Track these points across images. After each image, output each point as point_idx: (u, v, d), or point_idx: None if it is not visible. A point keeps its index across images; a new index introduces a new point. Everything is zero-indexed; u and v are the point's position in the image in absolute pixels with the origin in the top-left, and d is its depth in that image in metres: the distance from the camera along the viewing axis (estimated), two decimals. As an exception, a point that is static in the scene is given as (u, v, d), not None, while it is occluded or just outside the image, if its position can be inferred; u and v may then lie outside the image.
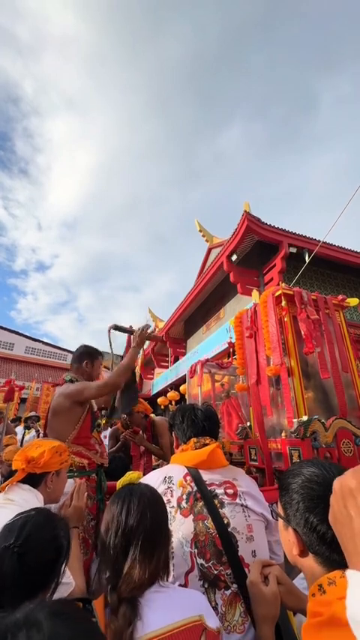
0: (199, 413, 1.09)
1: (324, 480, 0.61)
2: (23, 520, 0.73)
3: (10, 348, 19.48)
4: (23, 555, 0.66)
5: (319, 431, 1.82)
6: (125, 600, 0.58)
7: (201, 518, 0.86)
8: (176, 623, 0.57)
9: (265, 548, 0.91)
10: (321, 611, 0.50)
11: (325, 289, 8.05)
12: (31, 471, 1.10)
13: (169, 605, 0.60)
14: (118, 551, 0.63)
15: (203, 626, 0.59)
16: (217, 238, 10.44)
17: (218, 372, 3.84)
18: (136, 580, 0.61)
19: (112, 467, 2.22)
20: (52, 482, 1.15)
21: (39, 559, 0.68)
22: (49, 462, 1.12)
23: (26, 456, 1.11)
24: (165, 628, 0.56)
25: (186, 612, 0.59)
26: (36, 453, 1.12)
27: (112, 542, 0.64)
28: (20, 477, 1.09)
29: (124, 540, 0.64)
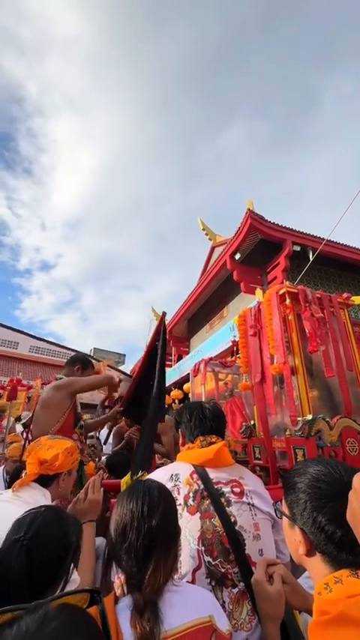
0: (207, 412, 1.08)
1: (332, 479, 0.61)
2: (33, 515, 0.74)
3: (14, 347, 19.61)
4: (32, 549, 0.66)
5: (323, 430, 1.81)
6: (150, 602, 0.58)
7: (208, 517, 0.87)
8: (188, 623, 0.57)
9: (272, 547, 0.91)
10: (328, 609, 0.50)
11: (329, 287, 8.01)
12: (44, 473, 1.10)
13: (183, 604, 0.60)
14: (140, 552, 0.63)
15: (213, 627, 0.59)
16: (221, 237, 10.42)
17: (222, 370, 3.83)
18: (160, 580, 0.61)
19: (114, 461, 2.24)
20: (63, 482, 1.16)
21: (47, 554, 0.68)
22: (62, 463, 1.13)
23: (39, 458, 1.11)
24: (178, 628, 0.56)
25: (197, 612, 0.59)
26: (49, 455, 1.12)
27: (133, 542, 0.63)
28: (32, 478, 1.09)
29: (147, 540, 0.63)
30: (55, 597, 0.37)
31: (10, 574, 0.62)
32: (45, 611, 0.33)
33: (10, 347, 19.43)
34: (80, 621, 0.34)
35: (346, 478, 0.60)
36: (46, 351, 21.13)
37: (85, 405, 2.70)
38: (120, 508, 0.69)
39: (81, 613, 0.36)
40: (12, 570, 0.62)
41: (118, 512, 0.69)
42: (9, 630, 0.30)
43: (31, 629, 0.30)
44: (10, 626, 0.31)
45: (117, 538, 0.66)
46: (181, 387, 7.78)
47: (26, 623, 0.31)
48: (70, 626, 0.32)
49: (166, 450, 2.83)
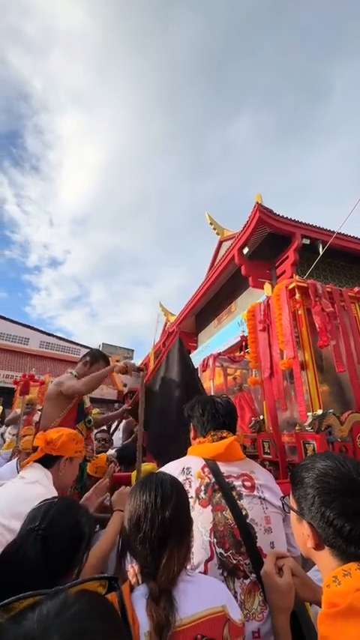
0: (219, 407, 1.08)
1: (340, 474, 0.61)
2: (47, 506, 0.76)
3: (25, 343, 19.95)
4: (46, 539, 0.68)
5: (334, 425, 1.80)
6: (165, 591, 0.60)
7: (219, 509, 0.88)
8: (201, 612, 0.59)
9: (283, 540, 0.92)
10: (337, 602, 0.51)
11: (339, 281, 7.87)
12: (48, 452, 1.18)
13: (196, 594, 0.62)
14: (155, 542, 0.65)
15: (226, 617, 0.60)
16: (228, 231, 10.32)
17: (230, 365, 3.83)
18: (174, 570, 0.62)
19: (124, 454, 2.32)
20: (64, 467, 1.21)
21: (62, 543, 0.70)
22: (65, 445, 1.21)
23: (46, 437, 1.21)
24: (192, 617, 0.57)
25: (210, 602, 0.61)
26: (55, 436, 1.22)
27: (147, 533, 0.65)
28: (38, 455, 1.19)
29: (161, 531, 0.65)
30: (74, 584, 0.38)
31: (26, 563, 0.64)
32: (65, 596, 0.34)
33: (21, 343, 19.76)
34: (99, 607, 0.35)
35: (354, 473, 0.61)
36: (56, 346, 21.44)
37: (94, 400, 2.76)
38: (134, 500, 0.71)
39: (100, 599, 0.37)
40: (28, 559, 0.65)
41: (132, 504, 0.70)
42: (31, 614, 0.32)
43: (51, 613, 0.31)
44: (32, 610, 0.32)
45: (131, 529, 0.68)
46: (189, 382, 7.79)
47: (47, 608, 0.32)
48: (89, 611, 0.33)
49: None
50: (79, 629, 0.30)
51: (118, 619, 0.37)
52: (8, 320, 20.13)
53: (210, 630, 0.57)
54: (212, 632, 0.57)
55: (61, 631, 0.29)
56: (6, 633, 0.30)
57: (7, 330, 19.62)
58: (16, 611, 0.35)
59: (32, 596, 0.36)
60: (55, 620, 0.30)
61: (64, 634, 0.29)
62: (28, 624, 0.30)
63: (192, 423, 1.13)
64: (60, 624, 0.30)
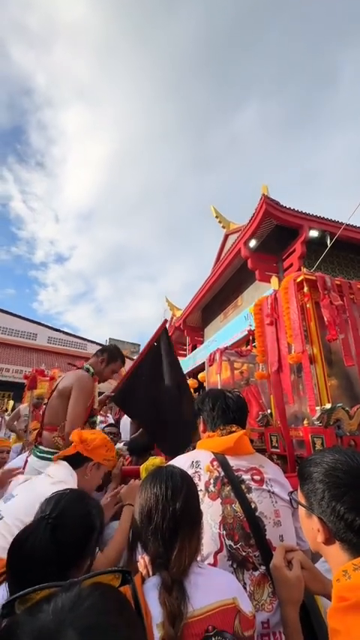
0: (230, 402, 1.08)
1: (349, 468, 0.61)
2: (59, 496, 0.78)
3: (33, 338, 20.20)
4: (57, 527, 0.69)
5: (343, 419, 1.79)
6: (177, 581, 0.61)
7: (229, 502, 0.88)
8: (213, 604, 0.59)
9: (293, 533, 0.92)
10: (347, 595, 0.51)
11: (347, 274, 7.75)
12: (80, 450, 1.19)
13: (207, 586, 0.63)
14: (166, 533, 0.66)
15: (237, 609, 0.61)
16: (234, 224, 10.21)
17: (237, 359, 3.83)
18: (186, 560, 0.64)
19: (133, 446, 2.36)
20: (90, 471, 1.21)
21: (72, 533, 0.71)
22: (97, 449, 1.21)
23: (81, 435, 1.22)
24: (205, 608, 0.58)
25: (222, 594, 0.62)
26: (90, 437, 1.22)
27: (159, 524, 0.66)
28: (71, 451, 1.19)
29: (173, 523, 0.66)
30: (88, 576, 0.39)
31: (36, 551, 0.65)
32: (79, 589, 0.35)
33: (29, 338, 20.02)
34: (113, 599, 0.35)
35: None
36: (64, 341, 21.66)
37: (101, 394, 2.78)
38: (144, 493, 0.72)
39: (114, 591, 0.38)
40: (38, 547, 0.66)
41: (142, 497, 0.71)
42: (46, 606, 0.32)
43: (66, 606, 0.32)
44: (48, 603, 0.33)
45: (143, 521, 0.69)
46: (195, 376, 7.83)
47: (62, 601, 0.33)
48: (103, 603, 0.33)
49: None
50: (93, 623, 0.30)
51: (131, 612, 0.37)
52: (17, 316, 20.38)
53: (221, 622, 0.57)
54: (223, 624, 0.57)
55: (75, 624, 0.29)
56: (23, 626, 0.30)
57: (15, 326, 19.88)
58: (32, 602, 0.35)
59: (47, 587, 0.36)
60: (70, 613, 0.31)
61: (78, 627, 0.29)
62: (44, 617, 0.31)
63: (202, 416, 1.13)
64: (74, 618, 0.30)
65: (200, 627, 0.56)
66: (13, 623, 0.32)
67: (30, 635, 0.29)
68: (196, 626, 0.56)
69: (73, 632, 0.29)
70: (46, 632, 0.29)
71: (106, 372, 2.08)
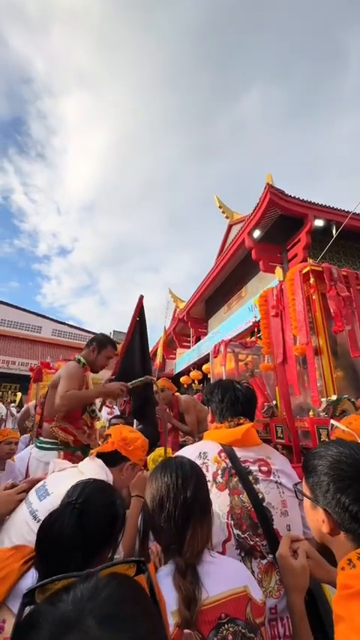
0: (240, 395, 1.08)
1: (354, 460, 0.62)
2: (84, 483, 0.80)
3: (38, 331, 20.37)
4: (83, 513, 0.70)
5: (348, 410, 1.79)
6: (191, 566, 0.63)
7: (236, 493, 0.90)
8: (226, 592, 0.61)
9: (299, 523, 0.93)
10: (351, 583, 0.52)
11: (354, 264, 7.65)
12: (119, 449, 1.16)
13: (219, 574, 0.64)
14: (179, 521, 0.68)
15: (248, 596, 0.62)
16: (238, 214, 10.08)
17: (242, 351, 3.83)
18: (198, 545, 0.66)
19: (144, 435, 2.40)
20: (126, 471, 1.19)
21: (97, 519, 0.72)
22: (136, 449, 1.18)
23: (121, 433, 1.18)
24: (218, 596, 0.60)
25: (233, 583, 0.63)
26: (130, 436, 1.19)
27: (172, 512, 0.68)
28: (108, 448, 1.15)
29: (184, 510, 0.68)
30: (104, 567, 0.40)
31: (63, 535, 0.67)
32: (97, 579, 0.36)
33: (34, 331, 20.19)
34: (130, 589, 0.36)
35: None
36: (68, 334, 21.82)
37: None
38: (155, 483, 0.73)
39: (130, 581, 0.39)
40: (64, 531, 0.67)
41: (153, 487, 0.73)
42: (66, 596, 0.33)
43: (85, 596, 0.33)
44: (67, 592, 0.34)
45: (155, 509, 0.71)
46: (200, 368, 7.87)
47: (81, 591, 0.34)
48: (121, 593, 0.34)
49: (189, 428, 2.91)
50: (111, 612, 0.31)
51: (148, 600, 0.38)
52: (21, 309, 20.52)
53: (233, 610, 0.59)
54: (236, 612, 0.59)
55: (94, 613, 0.30)
56: (44, 615, 0.31)
57: (20, 319, 20.04)
58: (52, 591, 0.36)
59: (65, 578, 0.37)
60: (89, 602, 0.32)
61: (97, 616, 0.30)
62: (64, 606, 0.32)
63: (210, 407, 1.13)
64: (93, 607, 0.31)
65: (213, 614, 0.57)
66: (35, 612, 0.33)
67: (51, 623, 0.30)
68: (210, 613, 0.57)
69: (93, 620, 0.30)
70: (67, 620, 0.30)
71: (99, 360, 2.14)
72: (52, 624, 0.30)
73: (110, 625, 0.30)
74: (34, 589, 0.38)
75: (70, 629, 0.29)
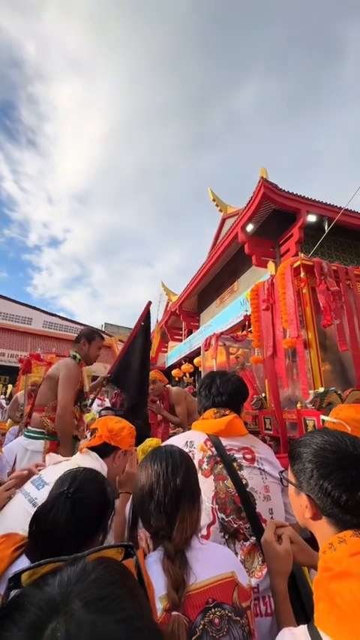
0: (226, 387, 1.10)
1: (337, 448, 0.64)
2: (74, 472, 0.80)
3: (28, 323, 20.10)
4: (76, 501, 0.71)
5: (335, 402, 1.83)
6: (180, 551, 0.64)
7: (221, 479, 0.92)
8: (214, 577, 0.62)
9: (282, 507, 0.97)
10: (332, 566, 0.54)
11: (344, 260, 7.74)
12: (108, 441, 1.18)
13: (208, 560, 0.66)
14: (169, 507, 0.68)
15: (235, 582, 0.64)
16: (232, 207, 10.05)
17: (233, 344, 3.86)
18: (187, 531, 0.67)
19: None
20: (118, 459, 1.21)
21: (89, 507, 0.73)
22: (124, 438, 1.20)
23: (107, 425, 1.20)
24: (206, 581, 0.61)
25: (221, 569, 0.65)
26: (116, 426, 1.20)
27: (161, 498, 0.69)
28: (96, 442, 1.17)
29: (174, 497, 0.69)
30: (92, 551, 0.40)
31: (57, 525, 0.67)
32: (84, 563, 0.36)
33: (24, 323, 19.92)
34: (117, 572, 0.36)
35: (351, 447, 0.64)
36: (59, 326, 21.60)
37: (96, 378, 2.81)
38: (145, 471, 0.74)
39: (118, 565, 0.39)
40: (59, 521, 0.68)
41: (143, 475, 0.74)
42: (52, 579, 0.33)
43: (72, 579, 0.33)
44: (54, 576, 0.34)
45: (144, 497, 0.71)
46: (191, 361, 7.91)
47: (67, 574, 0.34)
48: (107, 576, 0.35)
49: (180, 419, 2.94)
50: (98, 594, 0.31)
51: (135, 583, 0.39)
52: (11, 300, 20.18)
53: (220, 595, 0.61)
54: (223, 597, 0.61)
55: (81, 596, 0.30)
56: (30, 598, 0.31)
57: (10, 310, 19.72)
58: (38, 575, 0.37)
59: (52, 562, 0.38)
60: (76, 585, 0.32)
61: (84, 599, 0.30)
62: (50, 589, 0.32)
63: (198, 398, 1.16)
64: (80, 590, 0.31)
65: (201, 599, 0.59)
66: (20, 595, 0.33)
67: (37, 606, 0.30)
68: (197, 597, 0.59)
69: (79, 603, 0.30)
70: (53, 603, 0.30)
71: (92, 352, 2.22)
72: (38, 607, 0.30)
73: (96, 607, 0.30)
74: (20, 573, 0.38)
75: (56, 611, 0.29)
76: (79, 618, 0.28)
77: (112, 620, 0.29)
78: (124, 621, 0.30)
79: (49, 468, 1.11)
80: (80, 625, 0.28)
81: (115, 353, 18.29)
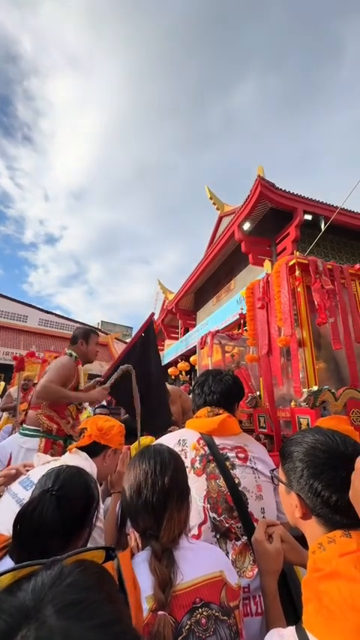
0: (219, 385, 1.09)
1: (328, 448, 0.63)
2: (58, 470, 0.79)
3: (24, 320, 19.96)
4: (61, 498, 0.70)
5: (328, 400, 1.83)
6: (167, 550, 0.63)
7: (213, 478, 0.92)
8: (201, 577, 0.62)
9: (274, 506, 0.96)
10: (321, 567, 0.53)
11: (340, 258, 7.77)
12: (97, 440, 1.17)
13: (196, 560, 0.65)
14: (156, 506, 0.68)
15: (224, 581, 0.64)
16: (229, 206, 10.04)
17: (228, 343, 3.86)
18: (175, 530, 0.66)
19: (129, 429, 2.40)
20: (109, 458, 1.21)
21: (74, 503, 0.73)
22: (114, 437, 1.20)
23: (97, 423, 1.19)
24: (193, 581, 0.61)
25: (209, 568, 0.64)
26: (105, 425, 1.20)
27: (149, 498, 0.68)
28: (86, 442, 1.16)
29: (162, 496, 0.68)
30: (71, 554, 0.39)
31: (43, 523, 0.67)
32: (61, 567, 0.34)
33: (19, 320, 19.77)
34: (95, 576, 0.35)
35: (342, 447, 0.63)
36: (55, 324, 21.47)
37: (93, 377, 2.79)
38: (133, 470, 0.74)
39: (96, 568, 0.38)
40: (44, 519, 0.67)
41: (132, 474, 0.73)
42: (26, 584, 0.32)
43: (47, 584, 0.31)
44: (28, 580, 0.33)
45: (133, 496, 0.71)
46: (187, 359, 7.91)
47: (42, 578, 0.32)
48: (84, 581, 0.33)
49: (174, 417, 2.94)
50: (72, 600, 0.30)
51: (113, 587, 0.37)
52: (6, 297, 20.01)
53: (208, 594, 0.60)
54: (210, 596, 0.60)
55: (54, 602, 0.29)
56: (1, 604, 0.30)
57: (5, 308, 19.56)
58: (14, 579, 0.35)
59: (30, 565, 0.36)
60: (50, 590, 0.31)
61: (57, 605, 0.29)
62: (22, 595, 0.31)
63: (192, 396, 1.16)
64: (54, 595, 0.30)
65: (188, 599, 0.58)
66: None
67: (7, 612, 0.29)
68: (184, 597, 0.58)
69: (52, 609, 0.28)
70: (24, 610, 0.29)
71: (90, 350, 2.23)
72: (8, 614, 0.28)
73: (69, 614, 0.29)
74: None
75: (27, 619, 0.28)
76: (50, 625, 0.27)
77: (86, 627, 0.28)
78: (100, 627, 0.29)
79: (37, 468, 1.10)
80: (52, 632, 0.27)
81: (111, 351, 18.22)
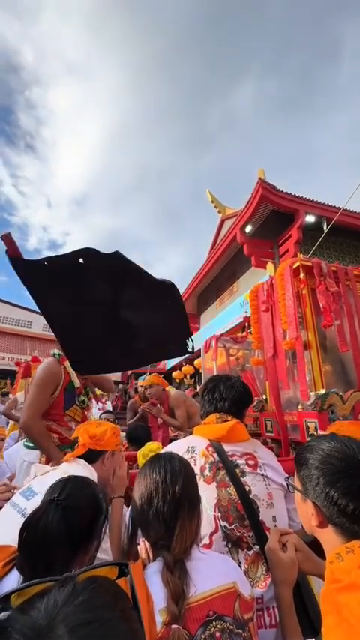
0: (225, 392, 1.08)
1: (345, 455, 0.62)
2: (65, 480, 0.78)
3: (28, 326, 20.07)
4: (67, 509, 0.69)
5: (336, 404, 1.81)
6: (179, 561, 0.62)
7: (223, 486, 0.90)
8: (215, 588, 0.60)
9: (285, 514, 0.95)
10: (340, 577, 0.52)
11: (344, 260, 7.74)
12: (92, 447, 1.16)
13: (209, 571, 0.64)
14: (167, 516, 0.67)
15: (237, 592, 0.62)
16: (230, 209, 10.06)
17: (233, 346, 3.84)
18: (187, 540, 0.65)
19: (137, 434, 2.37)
20: (107, 461, 1.20)
21: (81, 513, 0.72)
22: (108, 440, 1.19)
23: (89, 432, 1.18)
24: (206, 592, 0.59)
25: (223, 579, 0.63)
26: (98, 431, 1.19)
27: (160, 507, 0.67)
28: (81, 451, 1.16)
29: (173, 505, 0.68)
30: (84, 570, 0.38)
31: (48, 533, 0.66)
32: (73, 584, 0.34)
33: (24, 326, 19.89)
34: (108, 593, 0.35)
35: (359, 455, 0.62)
36: (59, 329, 21.56)
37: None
38: (143, 479, 0.73)
39: (110, 585, 0.37)
40: (50, 529, 0.66)
41: (142, 483, 0.72)
42: (39, 603, 0.32)
43: (59, 602, 0.31)
44: (41, 598, 0.32)
45: (143, 505, 0.70)
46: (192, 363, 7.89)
47: (55, 596, 0.32)
48: (96, 598, 0.33)
49: (179, 423, 2.92)
50: (85, 618, 0.30)
51: (127, 605, 0.37)
52: (10, 304, 20.16)
53: (222, 606, 0.58)
54: (224, 608, 0.58)
55: (67, 621, 0.29)
56: (14, 623, 0.30)
57: (9, 314, 19.71)
58: (28, 596, 0.35)
59: (42, 582, 0.36)
60: (63, 609, 0.30)
61: (69, 624, 0.29)
62: (35, 614, 0.30)
63: (202, 402, 1.15)
64: (66, 614, 0.30)
65: (201, 611, 0.57)
66: (5, 620, 0.31)
67: (20, 632, 0.28)
68: (198, 610, 0.57)
69: (65, 628, 0.28)
70: (37, 629, 0.28)
71: None
72: (21, 633, 0.28)
73: (82, 633, 0.28)
74: (9, 594, 0.36)
75: (39, 638, 0.28)
76: None
77: None
78: None
79: (37, 478, 1.10)
80: None
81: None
